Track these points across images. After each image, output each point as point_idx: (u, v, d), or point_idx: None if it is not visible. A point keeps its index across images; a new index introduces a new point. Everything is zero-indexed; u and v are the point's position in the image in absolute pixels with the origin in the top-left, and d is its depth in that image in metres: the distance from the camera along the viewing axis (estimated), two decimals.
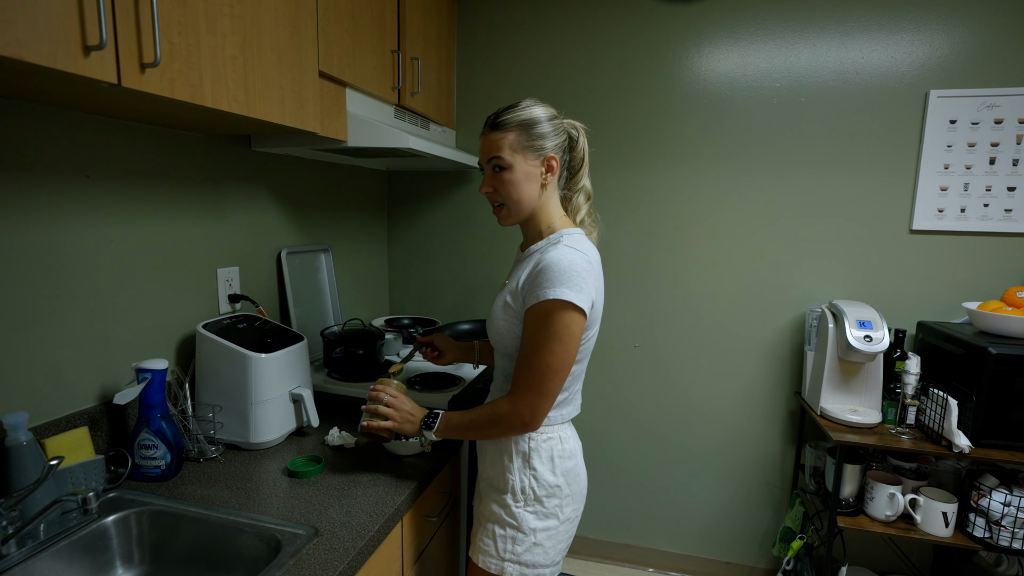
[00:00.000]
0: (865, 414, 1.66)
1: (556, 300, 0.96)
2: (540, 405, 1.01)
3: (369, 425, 1.13)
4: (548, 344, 0.98)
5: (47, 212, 1.04)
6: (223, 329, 1.33)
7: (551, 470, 1.07)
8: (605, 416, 2.21)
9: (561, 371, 1.00)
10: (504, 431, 1.05)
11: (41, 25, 0.70)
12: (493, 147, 1.05)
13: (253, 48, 1.06)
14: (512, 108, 1.06)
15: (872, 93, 1.81)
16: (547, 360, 0.98)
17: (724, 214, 1.99)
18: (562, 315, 0.97)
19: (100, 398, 1.16)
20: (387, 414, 1.12)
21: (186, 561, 1.02)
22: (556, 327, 0.97)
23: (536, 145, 1.04)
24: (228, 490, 1.12)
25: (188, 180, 1.34)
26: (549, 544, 1.08)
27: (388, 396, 1.13)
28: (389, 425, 1.12)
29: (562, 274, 0.97)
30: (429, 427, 1.10)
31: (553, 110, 1.08)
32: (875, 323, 1.62)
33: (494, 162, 1.05)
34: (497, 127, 1.05)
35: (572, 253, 0.99)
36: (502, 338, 1.08)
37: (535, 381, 1.00)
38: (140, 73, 0.83)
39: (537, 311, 0.98)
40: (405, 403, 1.14)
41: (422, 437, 1.11)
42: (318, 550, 0.93)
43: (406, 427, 1.12)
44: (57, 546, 0.93)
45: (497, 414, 1.04)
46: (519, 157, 1.04)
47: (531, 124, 1.04)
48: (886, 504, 1.57)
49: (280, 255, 1.68)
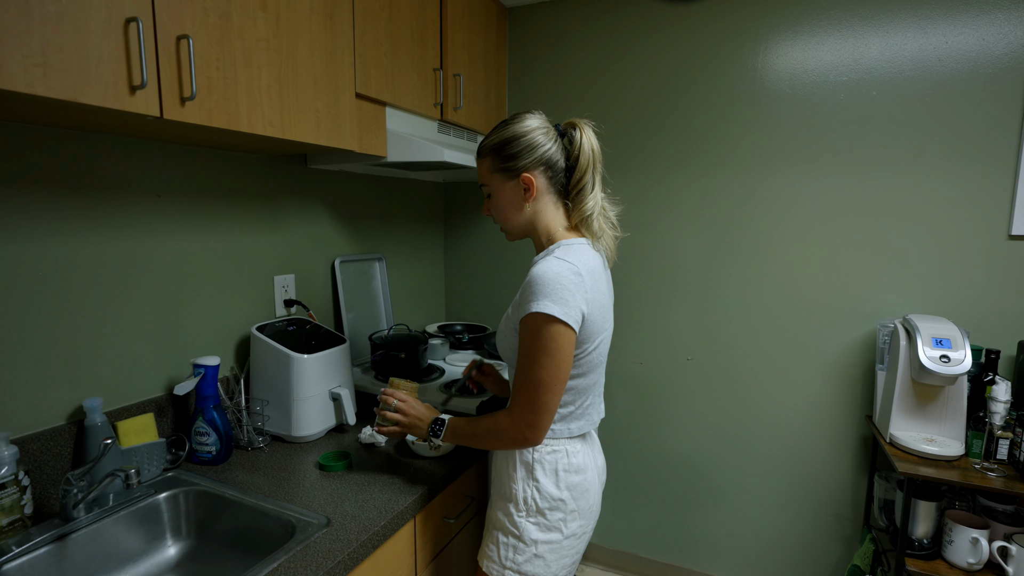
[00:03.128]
0: (944, 445, 1.46)
1: (540, 314, 0.95)
2: (537, 420, 1.00)
3: (379, 429, 1.19)
4: (538, 359, 0.97)
5: (124, 227, 1.21)
6: (275, 331, 1.46)
7: (555, 483, 1.06)
8: (653, 430, 2.13)
9: (554, 385, 0.98)
10: (505, 444, 1.06)
11: (93, 72, 0.83)
12: (479, 174, 1.10)
13: (288, 76, 1.17)
14: (494, 130, 1.08)
15: (958, 82, 1.60)
16: (538, 375, 0.98)
17: (786, 220, 1.85)
18: (548, 329, 0.96)
19: (166, 388, 1.33)
20: (395, 419, 1.16)
21: (223, 539, 1.13)
22: (543, 341, 0.96)
23: (508, 167, 1.05)
24: (265, 478, 1.23)
25: (248, 196, 1.50)
26: (551, 557, 1.07)
27: (397, 400, 1.18)
28: (397, 430, 1.17)
29: (545, 287, 0.95)
30: (436, 434, 1.13)
31: (539, 120, 1.06)
32: (955, 341, 1.42)
33: (483, 189, 1.11)
34: (479, 153, 1.09)
35: (558, 264, 0.97)
36: (504, 350, 1.10)
37: (529, 396, 0.99)
38: (180, 106, 0.96)
39: (525, 325, 0.98)
40: (414, 407, 1.17)
41: (430, 441, 1.15)
42: (326, 540, 0.99)
43: (415, 431, 1.16)
44: (118, 514, 1.08)
45: (498, 428, 1.05)
46: (496, 181, 1.07)
47: (503, 146, 1.05)
48: (968, 550, 1.38)
49: (334, 263, 1.81)
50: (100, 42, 0.83)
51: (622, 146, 2.05)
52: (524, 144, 1.04)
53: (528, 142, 1.03)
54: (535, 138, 1.04)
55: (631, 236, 2.08)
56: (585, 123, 1.07)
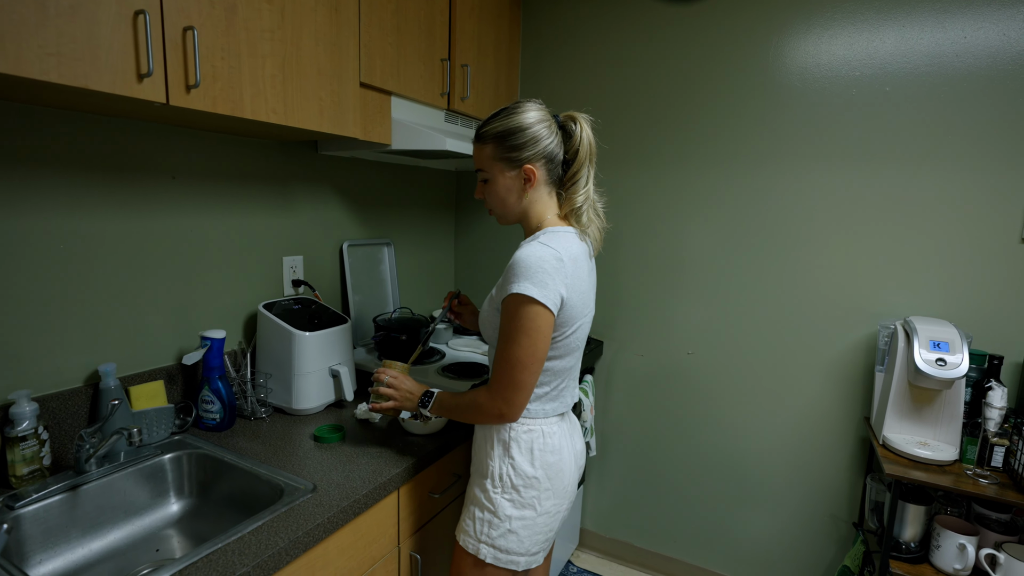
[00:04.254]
0: (938, 449, 1.44)
1: (519, 295, 1.00)
2: (514, 397, 1.05)
3: (374, 406, 1.24)
4: (516, 337, 1.02)
5: (141, 205, 1.30)
6: (280, 309, 1.54)
7: (530, 461, 1.11)
8: (653, 421, 2.14)
9: (531, 364, 1.03)
10: (484, 419, 1.11)
11: (103, 61, 0.90)
12: (476, 159, 1.12)
13: (292, 66, 1.23)
14: (495, 117, 1.09)
15: (976, 78, 1.55)
16: (516, 353, 1.02)
17: (794, 217, 1.83)
18: (527, 309, 1.00)
19: (177, 358, 1.42)
20: (389, 394, 1.22)
21: (221, 499, 1.22)
22: (522, 321, 1.01)
23: (512, 157, 1.07)
24: (263, 445, 1.31)
25: (259, 180, 1.58)
26: (524, 534, 1.11)
27: (389, 377, 1.24)
28: (391, 405, 1.23)
29: (528, 270, 1.00)
30: (424, 405, 1.19)
31: (542, 112, 1.09)
32: (952, 344, 1.40)
33: (479, 175, 1.13)
34: (478, 139, 1.11)
35: (542, 249, 1.02)
36: (485, 329, 1.15)
37: (507, 373, 1.04)
38: (186, 93, 1.02)
39: (505, 305, 1.03)
40: (405, 382, 1.22)
41: (420, 413, 1.20)
42: (309, 504, 1.06)
43: (407, 404, 1.21)
44: (127, 470, 1.17)
45: (477, 402, 1.10)
46: (496, 169, 1.09)
47: (508, 135, 1.07)
48: (954, 556, 1.36)
49: (342, 247, 1.88)
50: (110, 33, 0.90)
51: (633, 139, 2.05)
52: (529, 136, 1.06)
53: (533, 135, 1.06)
54: (539, 131, 1.07)
55: (638, 229, 2.09)
56: (583, 117, 1.11)
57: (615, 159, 2.08)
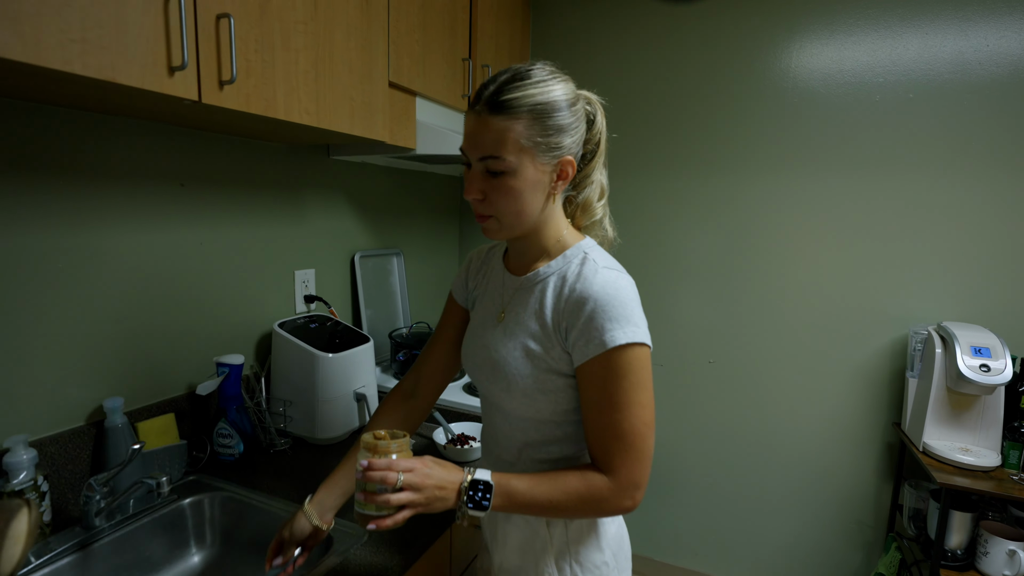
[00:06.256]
0: (980, 455, 1.44)
1: (634, 344, 0.74)
2: (644, 475, 0.77)
3: (380, 524, 0.71)
4: (635, 398, 0.75)
5: (146, 216, 1.15)
6: (297, 328, 1.40)
7: (597, 544, 0.85)
8: (673, 432, 2.10)
9: (652, 425, 0.78)
10: (600, 513, 0.80)
11: (132, 50, 0.76)
12: (490, 140, 0.74)
13: (325, 62, 1.11)
14: (521, 80, 0.74)
15: (999, 85, 1.58)
16: (639, 417, 0.75)
17: (816, 222, 1.82)
18: (639, 358, 0.76)
19: (187, 388, 1.26)
20: (406, 501, 0.70)
21: (249, 546, 1.08)
22: (638, 375, 0.75)
23: (552, 143, 0.75)
24: (292, 482, 1.18)
25: (270, 187, 1.44)
26: None
27: (401, 472, 0.70)
28: (408, 515, 0.71)
29: (624, 308, 0.75)
30: (478, 504, 0.73)
31: (572, 84, 0.80)
32: (994, 351, 1.40)
33: (490, 163, 0.75)
34: (500, 108, 0.73)
35: (617, 276, 0.78)
36: (531, 399, 0.81)
37: (634, 447, 0.76)
38: (219, 90, 0.90)
39: (607, 362, 0.75)
40: (430, 474, 0.73)
41: (462, 513, 0.74)
42: (365, 551, 0.94)
43: (435, 506, 0.73)
44: (141, 521, 1.02)
45: (593, 492, 0.76)
46: (527, 159, 0.74)
47: (549, 112, 0.74)
48: (1004, 563, 1.36)
49: (354, 258, 1.75)
50: (140, 18, 0.77)
51: (645, 144, 2.01)
52: (572, 116, 0.77)
53: (574, 114, 0.78)
54: (580, 110, 0.79)
55: (654, 236, 2.04)
56: (597, 99, 0.85)
57: (627, 163, 2.03)
